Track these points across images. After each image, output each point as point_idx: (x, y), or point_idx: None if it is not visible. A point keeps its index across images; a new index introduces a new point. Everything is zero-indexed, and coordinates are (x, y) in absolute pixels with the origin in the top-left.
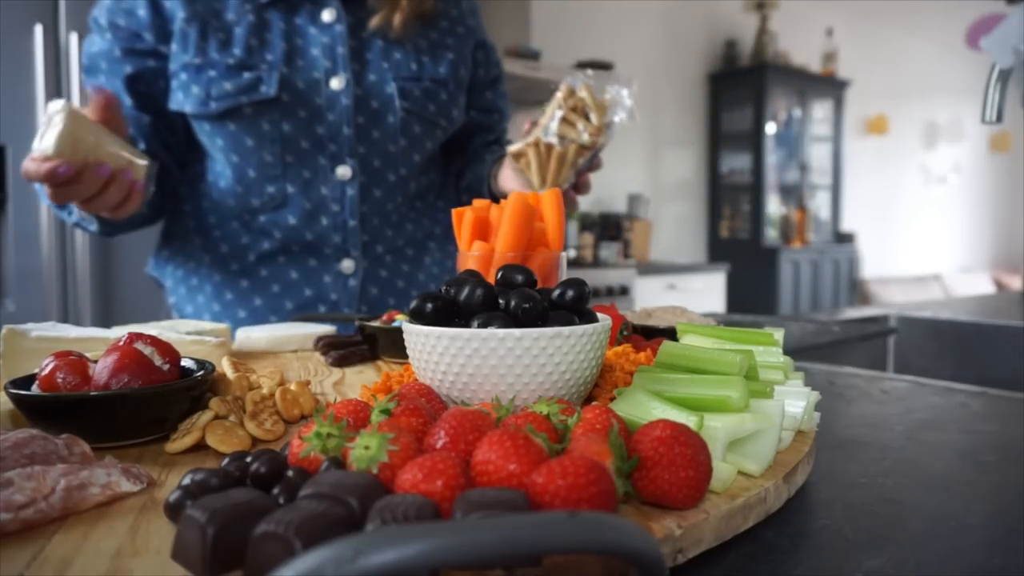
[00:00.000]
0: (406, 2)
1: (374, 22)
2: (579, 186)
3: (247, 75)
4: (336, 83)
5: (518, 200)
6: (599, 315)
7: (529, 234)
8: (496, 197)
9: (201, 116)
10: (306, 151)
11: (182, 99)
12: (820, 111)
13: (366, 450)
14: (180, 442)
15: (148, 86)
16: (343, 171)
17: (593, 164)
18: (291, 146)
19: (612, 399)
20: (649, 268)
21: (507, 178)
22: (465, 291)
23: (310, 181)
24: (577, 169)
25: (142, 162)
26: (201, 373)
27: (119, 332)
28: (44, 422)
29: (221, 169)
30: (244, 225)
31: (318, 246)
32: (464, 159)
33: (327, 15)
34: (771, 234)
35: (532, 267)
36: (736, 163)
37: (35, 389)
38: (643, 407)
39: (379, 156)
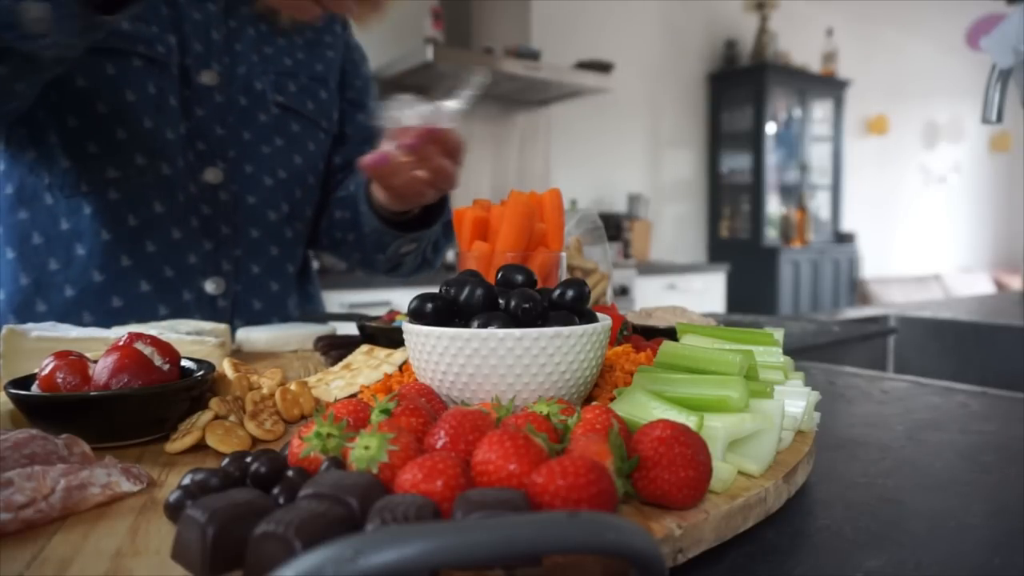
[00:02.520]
0: None
1: (260, 5)
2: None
3: (143, 26)
4: (207, 76)
5: (518, 200)
6: (599, 315)
7: (529, 234)
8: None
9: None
10: (175, 140)
11: None
12: (820, 111)
13: (366, 450)
14: (180, 442)
15: None
16: (213, 174)
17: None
18: (163, 116)
19: (612, 399)
20: (649, 268)
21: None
22: (465, 291)
23: (182, 171)
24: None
25: None
26: (201, 373)
27: (119, 332)
28: (44, 422)
29: (70, 107)
30: (81, 198)
31: (182, 252)
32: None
33: None
34: (771, 234)
35: (532, 267)
36: (736, 163)
37: (35, 389)
38: (643, 407)
39: (251, 160)
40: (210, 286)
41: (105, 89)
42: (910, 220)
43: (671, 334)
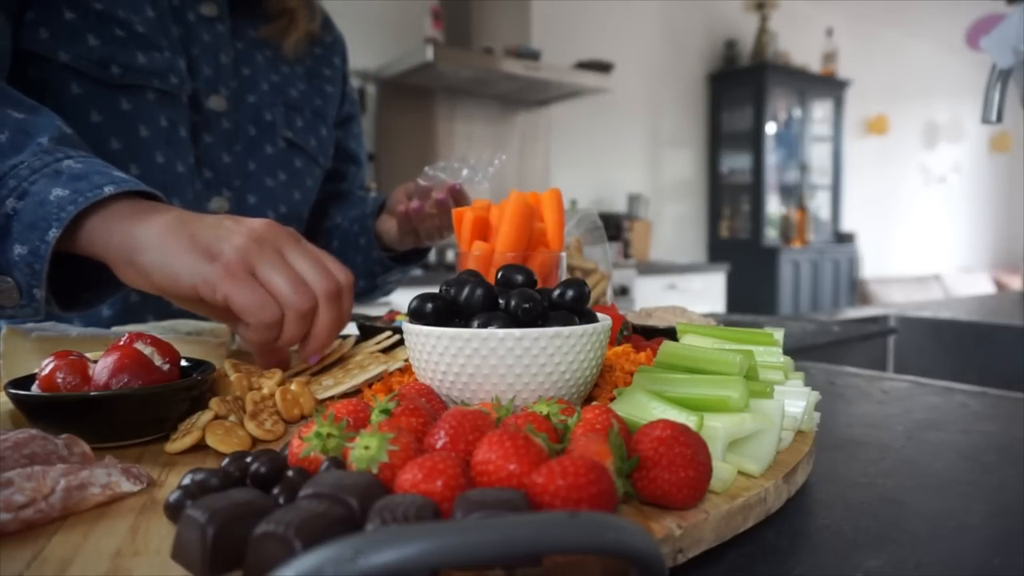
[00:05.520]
0: (304, 21)
1: (264, 32)
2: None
3: (156, 55)
4: (216, 102)
5: (518, 200)
6: (599, 315)
7: (529, 234)
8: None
9: (86, 75)
10: (185, 172)
11: (50, 39)
12: (820, 111)
13: (366, 450)
14: (180, 442)
15: None
16: (218, 203)
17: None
18: (174, 148)
19: (612, 399)
20: (649, 268)
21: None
22: (465, 291)
23: (190, 203)
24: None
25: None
26: (201, 373)
27: (119, 332)
28: (44, 422)
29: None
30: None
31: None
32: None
33: (208, 8)
34: (771, 234)
35: (532, 267)
36: (736, 163)
37: (35, 389)
38: (643, 407)
39: (255, 191)
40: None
41: (119, 125)
42: (910, 220)
43: (671, 334)
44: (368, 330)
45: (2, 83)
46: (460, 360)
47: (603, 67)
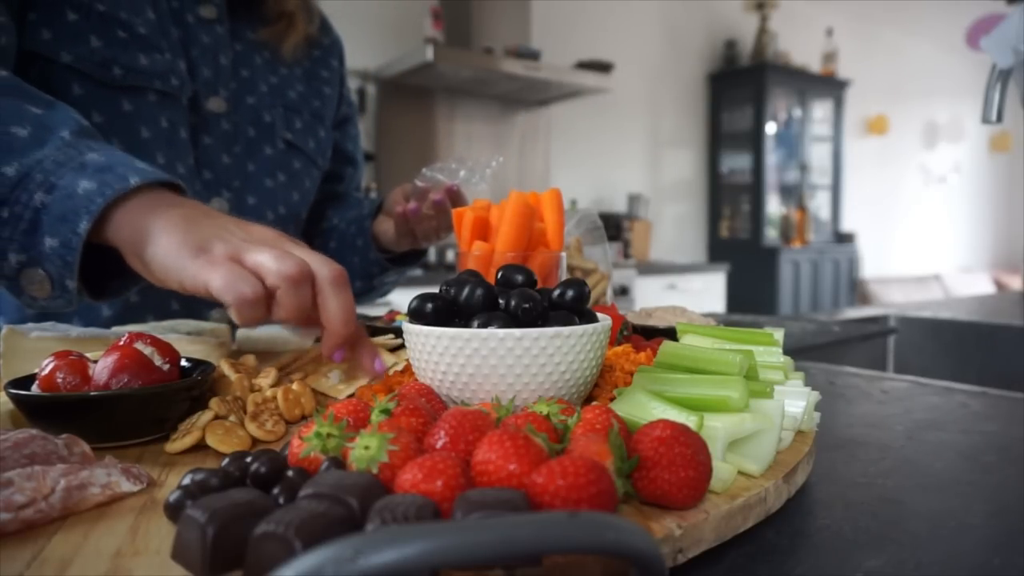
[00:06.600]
0: (302, 23)
1: (262, 34)
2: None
3: (157, 56)
4: (215, 103)
5: (518, 200)
6: (599, 315)
7: (529, 234)
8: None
9: (88, 76)
10: (185, 173)
11: (52, 40)
12: (820, 111)
13: (366, 450)
14: (180, 442)
15: None
16: (218, 204)
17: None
18: (175, 150)
19: (612, 399)
20: (649, 268)
21: (389, 231)
22: (465, 291)
23: None
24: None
25: None
26: (201, 373)
27: (119, 332)
28: (44, 422)
29: None
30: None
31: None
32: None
33: (207, 10)
34: (771, 234)
35: (532, 267)
36: (736, 163)
37: (35, 389)
38: (643, 407)
39: (254, 192)
40: (215, 315)
41: (120, 126)
42: (910, 220)
43: (671, 334)
44: (368, 331)
45: (18, 79)
46: (460, 360)
47: (603, 67)
